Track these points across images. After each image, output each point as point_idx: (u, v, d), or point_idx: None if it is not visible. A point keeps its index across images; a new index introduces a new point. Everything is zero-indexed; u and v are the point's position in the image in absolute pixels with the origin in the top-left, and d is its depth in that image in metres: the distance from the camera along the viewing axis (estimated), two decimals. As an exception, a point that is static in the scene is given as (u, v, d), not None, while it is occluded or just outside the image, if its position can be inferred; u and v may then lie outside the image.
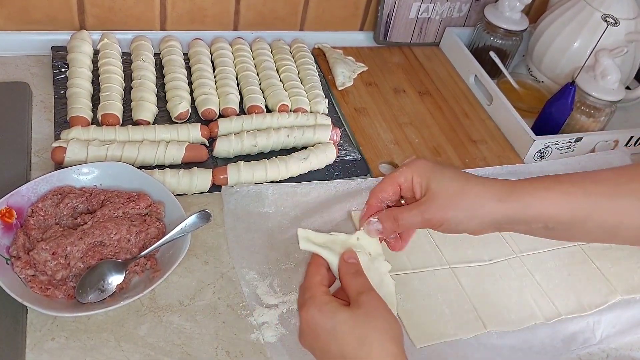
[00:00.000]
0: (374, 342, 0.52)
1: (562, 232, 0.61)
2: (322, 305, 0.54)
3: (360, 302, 0.54)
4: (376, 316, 0.54)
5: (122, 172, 0.76)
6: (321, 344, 0.54)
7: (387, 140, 0.98)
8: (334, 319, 0.53)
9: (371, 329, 0.53)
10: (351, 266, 0.59)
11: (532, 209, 0.59)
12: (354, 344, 0.52)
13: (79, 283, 0.66)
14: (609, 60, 0.99)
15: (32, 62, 0.97)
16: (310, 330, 0.55)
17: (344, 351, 0.52)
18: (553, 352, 0.73)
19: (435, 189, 0.60)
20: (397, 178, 0.62)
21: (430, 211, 0.59)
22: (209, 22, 1.08)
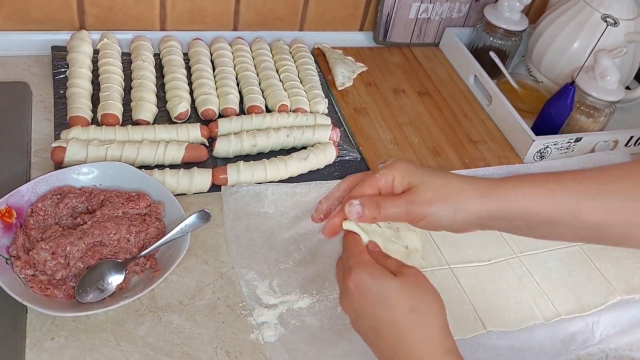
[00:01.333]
0: (426, 312, 0.53)
1: (543, 231, 0.60)
2: (373, 270, 0.54)
3: (406, 273, 0.55)
4: (425, 285, 0.55)
5: (122, 172, 0.76)
6: (370, 308, 0.54)
7: (387, 140, 0.98)
8: (385, 286, 0.53)
9: (421, 298, 0.54)
10: (378, 254, 0.59)
11: (514, 205, 0.58)
12: (405, 312, 0.53)
13: (79, 283, 0.66)
14: (609, 60, 0.99)
15: (32, 62, 0.97)
16: (359, 294, 0.54)
17: (394, 318, 0.53)
18: (552, 352, 0.73)
19: (419, 184, 0.59)
20: (378, 181, 0.61)
21: (415, 203, 0.59)
22: (208, 22, 1.08)
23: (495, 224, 0.60)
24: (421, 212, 0.59)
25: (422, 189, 0.59)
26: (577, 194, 0.59)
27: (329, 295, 0.73)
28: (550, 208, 0.58)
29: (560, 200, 0.58)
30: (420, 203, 0.58)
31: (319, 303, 0.72)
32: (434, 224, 0.59)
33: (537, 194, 0.59)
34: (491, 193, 0.59)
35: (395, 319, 0.53)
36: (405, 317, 0.53)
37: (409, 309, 0.53)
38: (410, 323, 0.53)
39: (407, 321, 0.53)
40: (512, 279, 0.80)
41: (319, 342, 0.68)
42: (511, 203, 0.59)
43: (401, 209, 0.59)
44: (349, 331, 0.70)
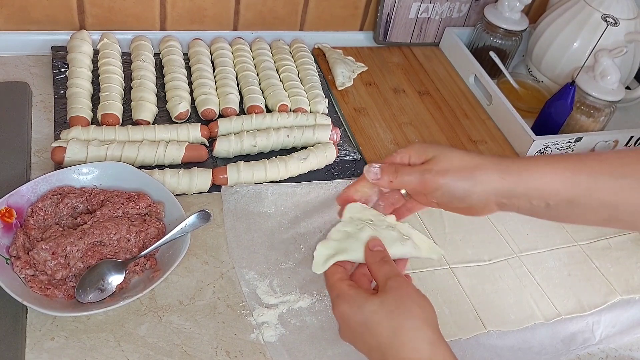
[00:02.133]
0: (407, 331, 0.52)
1: (562, 211, 0.60)
2: (350, 299, 0.54)
3: (388, 288, 0.54)
4: (405, 300, 0.53)
5: (122, 172, 0.76)
6: (358, 337, 0.54)
7: (387, 140, 0.98)
8: (364, 311, 0.53)
9: (402, 317, 0.52)
10: (377, 254, 0.58)
11: (533, 182, 0.59)
12: (388, 334, 0.52)
13: (79, 283, 0.66)
14: (609, 60, 0.99)
15: (32, 62, 0.97)
16: (346, 326, 0.55)
17: (379, 342, 0.52)
18: (552, 352, 0.73)
19: (436, 155, 0.60)
20: (393, 158, 0.62)
21: (430, 172, 0.59)
22: (208, 22, 1.08)
23: (513, 202, 0.60)
24: (435, 181, 0.59)
25: (438, 160, 0.60)
26: (595, 173, 0.59)
27: (329, 295, 0.73)
28: (568, 186, 0.58)
29: (578, 178, 0.59)
30: (436, 172, 0.59)
31: (319, 303, 0.72)
32: (449, 195, 0.59)
33: (555, 172, 0.59)
34: (510, 169, 0.59)
35: (380, 342, 0.52)
36: (389, 339, 0.52)
37: (391, 331, 0.52)
38: (394, 345, 0.52)
39: (390, 343, 0.52)
40: (512, 279, 0.80)
41: (319, 342, 0.68)
42: (530, 180, 0.59)
43: (416, 176, 0.60)
44: (349, 331, 0.70)
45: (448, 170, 0.59)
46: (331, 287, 0.57)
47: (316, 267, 0.60)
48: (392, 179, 0.61)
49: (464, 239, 0.83)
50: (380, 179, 0.61)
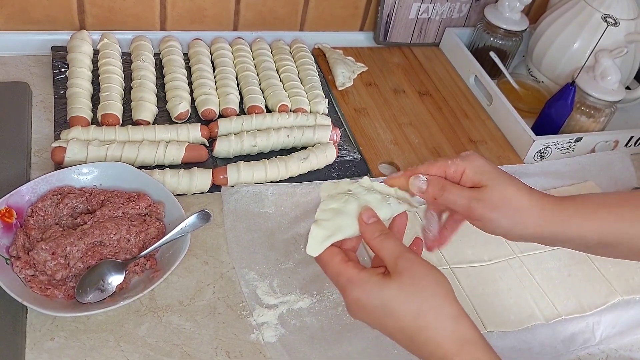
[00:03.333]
0: (429, 311, 0.51)
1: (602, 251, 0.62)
2: (363, 285, 0.53)
3: (401, 269, 0.53)
4: (422, 279, 0.52)
5: (122, 172, 0.76)
6: (376, 320, 0.53)
7: (387, 140, 0.98)
8: (382, 297, 0.52)
9: (422, 298, 0.52)
10: (374, 228, 0.56)
11: (570, 230, 0.59)
12: (410, 318, 0.51)
13: (79, 283, 0.66)
14: (609, 60, 0.99)
15: (32, 62, 0.97)
16: (360, 309, 0.54)
17: (402, 326, 0.52)
18: (553, 352, 0.73)
19: (490, 185, 0.58)
20: (447, 166, 0.60)
21: (479, 202, 0.58)
22: (208, 22, 1.08)
23: (551, 243, 0.61)
24: (482, 213, 0.58)
25: (490, 192, 0.58)
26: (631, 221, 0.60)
27: (329, 295, 0.73)
28: (605, 234, 0.59)
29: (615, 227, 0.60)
30: (485, 204, 0.58)
31: (319, 303, 0.72)
32: (491, 229, 0.59)
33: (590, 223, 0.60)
34: (552, 217, 0.59)
35: (403, 325, 0.52)
36: (413, 323, 0.51)
37: (414, 314, 0.51)
38: (419, 327, 0.51)
39: (415, 325, 0.52)
40: (513, 279, 0.80)
41: (319, 343, 0.68)
42: (570, 230, 0.59)
43: (464, 201, 0.58)
44: (349, 331, 0.70)
45: (496, 206, 0.58)
46: (337, 273, 0.55)
47: (312, 249, 0.56)
48: (437, 196, 0.58)
49: (464, 239, 0.83)
50: (424, 193, 0.59)
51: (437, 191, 0.58)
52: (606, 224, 0.60)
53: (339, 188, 0.61)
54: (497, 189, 0.58)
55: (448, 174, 0.60)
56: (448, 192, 0.58)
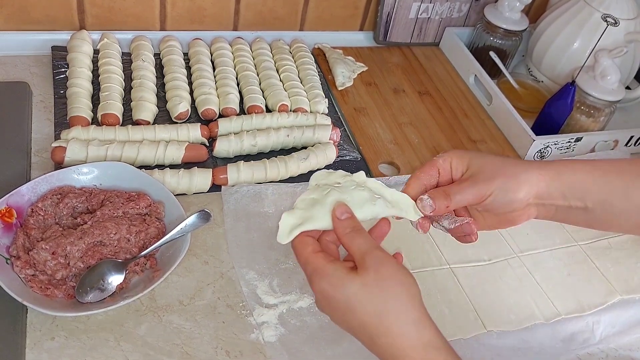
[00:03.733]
0: (391, 313, 0.51)
1: (597, 215, 0.61)
2: (329, 277, 0.53)
3: (367, 266, 0.52)
4: (386, 279, 0.52)
5: (122, 172, 0.76)
6: (339, 315, 0.53)
7: (387, 140, 0.98)
8: (346, 291, 0.52)
9: (385, 299, 0.51)
10: (346, 224, 0.56)
11: (567, 179, 0.60)
12: (371, 318, 0.51)
13: (79, 283, 0.66)
14: (609, 60, 0.99)
15: (32, 62, 0.97)
16: (325, 302, 0.54)
17: (364, 323, 0.52)
18: (552, 352, 0.73)
19: (477, 165, 0.61)
20: (436, 162, 0.62)
21: (479, 182, 0.60)
22: (208, 22, 1.08)
23: (550, 201, 0.61)
24: (487, 188, 0.60)
25: (482, 169, 0.61)
26: (630, 174, 0.60)
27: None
28: (600, 185, 0.60)
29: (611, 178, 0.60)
30: (484, 180, 0.60)
31: (319, 303, 0.72)
32: (500, 199, 0.60)
33: (586, 169, 0.61)
34: (547, 166, 0.61)
35: (365, 324, 0.52)
36: (375, 323, 0.51)
37: (374, 313, 0.51)
38: (380, 328, 0.51)
39: (376, 326, 0.51)
40: (513, 279, 0.80)
41: (319, 342, 0.68)
42: (564, 177, 0.61)
43: (469, 191, 0.60)
44: (349, 331, 0.70)
45: (494, 175, 0.60)
46: (305, 262, 0.55)
47: (281, 237, 0.56)
48: (448, 204, 0.60)
49: (464, 239, 0.83)
50: (436, 209, 0.60)
51: (443, 200, 0.60)
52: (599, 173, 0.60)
53: (329, 179, 0.60)
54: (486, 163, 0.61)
55: (440, 169, 0.62)
56: (452, 194, 0.60)
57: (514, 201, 0.60)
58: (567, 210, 0.62)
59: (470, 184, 0.60)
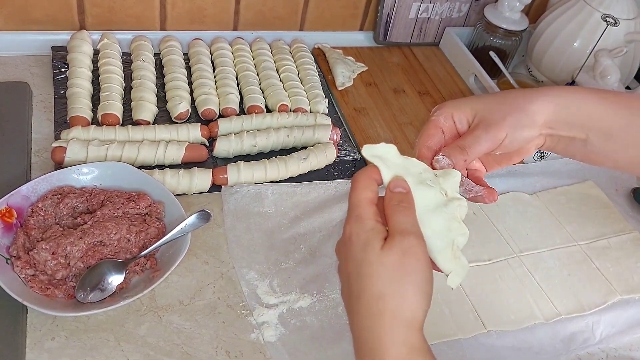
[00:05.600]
0: (391, 301, 0.48)
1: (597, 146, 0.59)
2: (362, 232, 0.50)
3: (394, 244, 0.49)
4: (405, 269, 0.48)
5: (122, 172, 0.76)
6: (348, 269, 0.51)
7: (387, 140, 0.97)
8: (364, 255, 0.49)
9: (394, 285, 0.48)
10: (397, 196, 0.52)
11: (572, 107, 0.59)
12: (372, 294, 0.48)
13: (79, 283, 0.66)
14: (609, 60, 0.99)
15: (32, 62, 0.97)
16: (345, 248, 0.51)
17: (360, 293, 0.49)
18: (553, 352, 0.73)
19: (482, 109, 0.58)
20: (437, 122, 0.59)
21: (492, 127, 0.57)
22: (208, 22, 1.08)
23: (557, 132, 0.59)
24: (501, 131, 0.57)
25: (489, 112, 0.58)
26: (633, 108, 0.59)
27: (329, 295, 0.73)
28: (605, 115, 0.59)
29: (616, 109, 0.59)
30: (496, 123, 0.57)
31: (319, 303, 0.72)
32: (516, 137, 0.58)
33: (593, 98, 0.59)
34: (553, 93, 0.59)
35: (361, 294, 0.49)
36: (371, 300, 0.48)
37: (377, 294, 0.48)
38: (372, 308, 0.48)
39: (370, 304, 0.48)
40: (512, 279, 0.80)
41: (319, 342, 0.68)
42: (570, 105, 0.59)
43: (484, 138, 0.57)
44: (349, 331, 0.70)
45: (504, 115, 0.58)
46: (356, 203, 0.51)
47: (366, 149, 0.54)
48: (465, 157, 0.57)
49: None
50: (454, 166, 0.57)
51: (460, 155, 0.57)
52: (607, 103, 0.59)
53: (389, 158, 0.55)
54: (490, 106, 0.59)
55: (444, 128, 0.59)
56: (469, 147, 0.57)
57: (529, 135, 0.59)
58: (569, 141, 0.60)
59: (483, 131, 0.58)
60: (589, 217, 0.91)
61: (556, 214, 0.91)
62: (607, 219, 0.92)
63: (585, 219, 0.91)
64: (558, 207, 0.92)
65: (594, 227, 0.90)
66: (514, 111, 0.58)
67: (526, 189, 0.94)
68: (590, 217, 0.91)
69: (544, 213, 0.91)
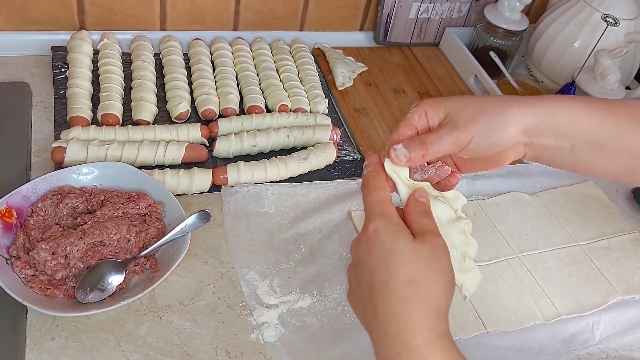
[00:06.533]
0: (423, 286, 0.49)
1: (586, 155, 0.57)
2: (391, 224, 0.51)
3: (426, 240, 0.51)
4: (436, 261, 0.50)
5: (122, 172, 0.76)
6: (372, 260, 0.51)
7: (387, 140, 0.98)
8: (397, 244, 0.50)
9: (426, 273, 0.49)
10: (420, 204, 0.54)
11: (559, 116, 0.56)
12: (403, 279, 0.49)
13: (79, 283, 0.66)
14: (609, 60, 0.99)
15: (32, 62, 0.97)
16: (367, 242, 0.52)
17: (389, 280, 0.49)
18: (553, 352, 0.73)
19: (455, 109, 0.56)
20: (411, 119, 0.58)
21: (458, 127, 0.55)
22: (208, 22, 1.08)
23: (541, 142, 0.57)
24: (467, 133, 0.55)
25: (461, 113, 0.56)
26: (624, 117, 0.57)
27: (329, 295, 0.73)
28: (594, 125, 0.56)
29: (606, 118, 0.57)
30: (464, 125, 0.55)
31: (319, 303, 0.72)
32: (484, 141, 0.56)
33: (582, 109, 0.57)
34: (536, 103, 0.57)
35: (390, 280, 0.49)
36: (402, 286, 0.49)
37: (408, 280, 0.49)
38: (403, 293, 0.49)
39: (401, 290, 0.49)
40: (513, 279, 0.80)
41: (319, 342, 0.68)
42: (558, 114, 0.56)
43: (446, 138, 0.55)
44: (349, 331, 0.70)
45: (475, 116, 0.55)
46: (380, 200, 0.53)
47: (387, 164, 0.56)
48: (424, 153, 0.55)
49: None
50: (411, 159, 0.55)
51: (419, 150, 0.56)
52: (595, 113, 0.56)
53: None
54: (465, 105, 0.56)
55: (416, 124, 0.58)
56: (429, 142, 0.56)
57: (501, 140, 0.56)
58: (555, 150, 0.57)
59: (448, 131, 0.56)
60: (589, 217, 0.91)
61: (556, 214, 0.91)
62: (607, 219, 0.92)
63: (585, 219, 0.91)
64: (558, 207, 0.92)
65: (594, 228, 0.90)
66: (487, 113, 0.56)
67: (526, 189, 0.94)
68: (590, 217, 0.91)
69: (544, 213, 0.91)
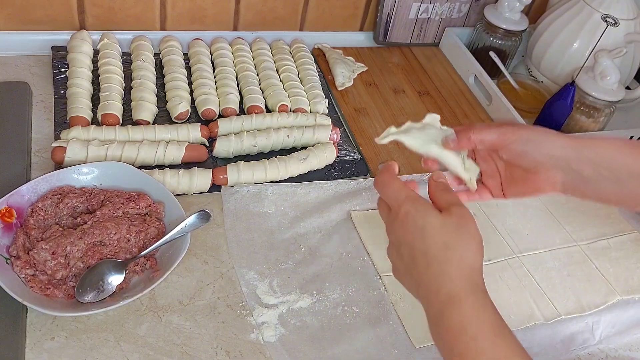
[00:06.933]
0: (457, 250, 0.54)
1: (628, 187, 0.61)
2: (419, 204, 0.57)
3: (452, 212, 0.56)
4: (465, 228, 0.56)
5: (122, 172, 0.76)
6: (410, 238, 0.56)
7: (387, 140, 0.98)
8: (426, 219, 0.56)
9: (458, 239, 0.55)
10: (440, 184, 0.60)
11: (600, 150, 0.61)
12: (439, 246, 0.55)
13: (79, 283, 0.66)
14: (609, 60, 0.99)
15: (32, 62, 0.97)
16: (402, 225, 0.57)
17: (428, 250, 0.55)
18: (552, 352, 0.73)
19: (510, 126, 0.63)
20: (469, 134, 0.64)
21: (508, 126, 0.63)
22: (208, 22, 1.08)
23: (580, 167, 0.62)
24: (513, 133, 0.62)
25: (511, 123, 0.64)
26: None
27: (329, 295, 0.73)
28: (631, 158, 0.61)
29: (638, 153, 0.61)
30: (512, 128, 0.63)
31: (319, 303, 0.72)
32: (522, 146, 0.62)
33: (622, 145, 0.62)
34: (578, 136, 0.63)
35: (428, 249, 0.55)
36: (439, 251, 0.54)
37: (443, 244, 0.54)
38: (440, 257, 0.54)
39: (438, 254, 0.54)
40: (512, 279, 0.80)
41: (319, 342, 0.68)
42: (597, 148, 0.62)
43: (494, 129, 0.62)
44: (349, 331, 0.70)
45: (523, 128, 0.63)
46: (398, 189, 0.58)
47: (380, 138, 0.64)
48: (470, 135, 0.62)
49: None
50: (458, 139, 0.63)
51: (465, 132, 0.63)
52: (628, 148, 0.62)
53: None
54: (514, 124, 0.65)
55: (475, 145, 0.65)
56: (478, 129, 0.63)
57: (537, 152, 0.62)
58: (597, 181, 0.62)
59: (497, 125, 0.63)
60: (589, 217, 0.91)
61: (556, 214, 0.91)
62: (607, 219, 0.92)
63: (585, 219, 0.91)
64: (558, 207, 0.92)
65: (593, 228, 0.90)
66: (533, 130, 0.62)
67: (526, 189, 0.94)
68: (590, 217, 0.91)
69: (543, 213, 0.91)
